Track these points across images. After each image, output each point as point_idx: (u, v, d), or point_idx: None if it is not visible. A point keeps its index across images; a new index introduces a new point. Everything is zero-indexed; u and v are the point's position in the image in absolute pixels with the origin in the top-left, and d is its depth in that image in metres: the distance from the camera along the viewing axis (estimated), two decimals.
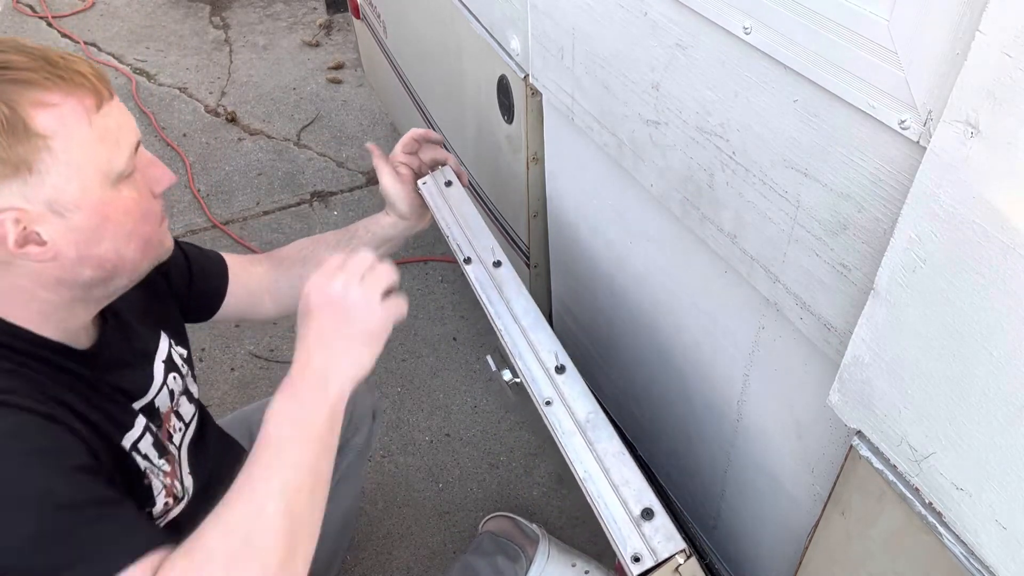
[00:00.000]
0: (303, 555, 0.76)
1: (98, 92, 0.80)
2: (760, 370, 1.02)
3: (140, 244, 0.87)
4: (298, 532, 0.75)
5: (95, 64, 0.84)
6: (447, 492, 1.88)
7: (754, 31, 0.76)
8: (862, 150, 0.69)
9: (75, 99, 0.78)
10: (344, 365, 0.85)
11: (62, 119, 0.76)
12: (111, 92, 0.83)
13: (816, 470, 0.97)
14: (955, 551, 0.69)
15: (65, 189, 0.77)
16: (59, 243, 0.79)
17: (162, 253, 0.93)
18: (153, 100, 3.32)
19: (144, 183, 0.87)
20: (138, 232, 0.86)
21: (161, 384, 1.02)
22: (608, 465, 0.85)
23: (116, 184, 0.82)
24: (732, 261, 0.95)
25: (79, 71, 0.79)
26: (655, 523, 0.79)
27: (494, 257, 1.12)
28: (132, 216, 0.84)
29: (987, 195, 0.55)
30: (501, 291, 1.07)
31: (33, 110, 0.74)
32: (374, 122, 3.17)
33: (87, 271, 0.83)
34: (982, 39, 0.52)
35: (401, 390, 2.12)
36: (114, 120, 0.82)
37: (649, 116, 1.01)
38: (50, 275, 0.82)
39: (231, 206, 2.76)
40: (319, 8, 3.95)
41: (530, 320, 1.02)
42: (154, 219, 0.89)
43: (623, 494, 0.82)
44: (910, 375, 0.68)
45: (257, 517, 0.73)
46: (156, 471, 0.95)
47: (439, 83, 1.87)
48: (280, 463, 0.77)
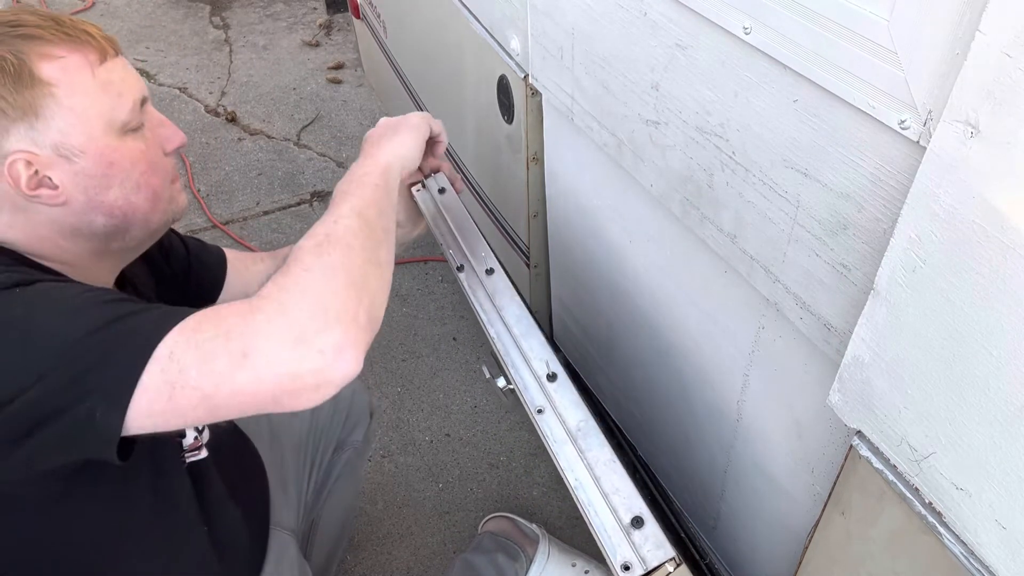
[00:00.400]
0: (369, 299, 0.79)
1: (103, 49, 0.86)
2: (760, 370, 1.02)
3: (149, 194, 0.91)
4: (367, 278, 0.80)
5: (99, 28, 0.89)
6: (447, 492, 1.88)
7: (754, 31, 0.76)
8: (862, 150, 0.69)
9: (80, 54, 0.84)
10: (391, 146, 1.00)
11: (66, 69, 0.82)
12: (117, 51, 0.89)
13: (816, 470, 0.97)
14: (955, 551, 0.69)
15: (70, 134, 0.82)
16: (68, 187, 0.84)
17: (174, 210, 0.97)
18: (153, 100, 3.32)
19: (154, 139, 0.92)
20: (146, 182, 0.90)
21: None
22: (599, 473, 0.85)
23: (122, 134, 0.87)
24: (732, 261, 0.95)
25: (86, 30, 0.85)
26: (645, 531, 0.79)
27: (487, 264, 1.11)
28: (139, 166, 0.89)
29: (987, 195, 0.55)
30: (493, 299, 1.07)
31: (40, 61, 0.81)
32: (374, 122, 3.16)
33: (99, 218, 0.87)
34: (982, 39, 0.52)
35: (401, 390, 2.11)
36: (117, 74, 0.87)
37: (649, 116, 1.01)
38: (66, 223, 0.86)
39: (231, 206, 2.76)
40: (319, 8, 3.95)
41: (522, 328, 1.02)
42: (163, 173, 0.93)
43: (613, 502, 0.82)
44: (910, 375, 0.68)
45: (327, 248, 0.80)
46: None
47: (439, 83, 1.87)
48: (343, 208, 0.86)
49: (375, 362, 2.18)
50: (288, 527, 1.27)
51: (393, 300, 2.36)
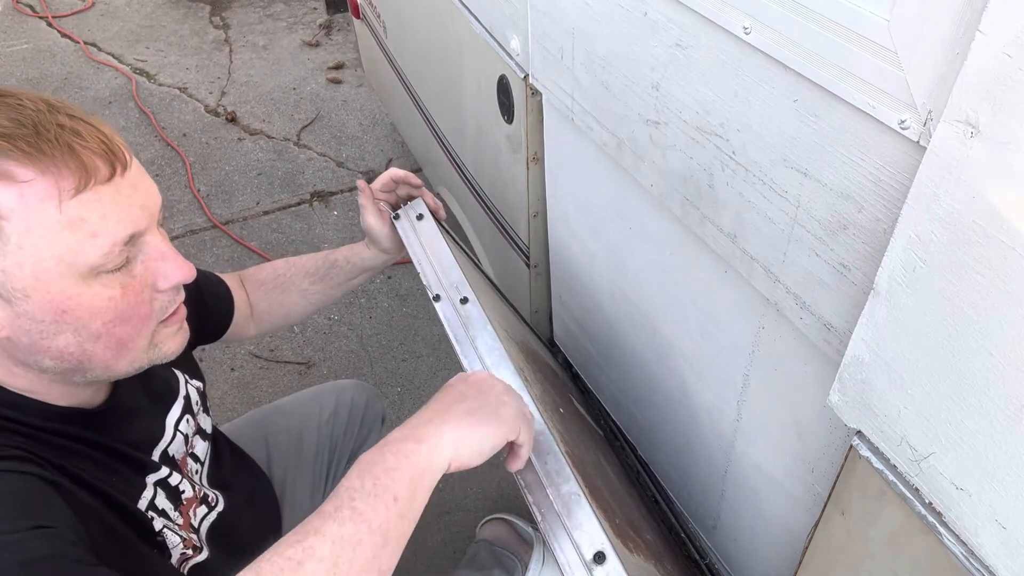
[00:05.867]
0: None
1: (87, 173, 0.69)
2: (760, 370, 1.02)
3: (111, 344, 0.76)
4: None
5: (111, 138, 0.73)
6: (447, 492, 1.88)
7: (754, 31, 0.76)
8: (862, 150, 0.69)
9: (50, 179, 0.68)
10: (458, 434, 0.73)
11: (24, 199, 0.67)
12: (114, 171, 0.72)
13: (816, 470, 0.97)
14: (955, 551, 0.69)
15: (15, 274, 0.68)
16: (7, 328, 0.71)
17: (155, 357, 0.82)
18: (153, 100, 3.32)
19: (145, 277, 0.77)
20: (109, 332, 0.75)
21: (173, 433, 0.98)
22: (562, 507, 0.84)
23: (88, 277, 0.71)
24: (732, 261, 0.95)
25: (70, 146, 0.69)
26: (606, 567, 0.78)
27: (460, 294, 1.11)
28: (102, 316, 0.73)
29: (987, 195, 0.55)
30: (467, 328, 1.06)
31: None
32: (374, 122, 3.17)
33: (46, 360, 0.74)
34: (982, 39, 0.52)
35: (401, 390, 2.11)
36: (99, 208, 0.70)
37: (649, 116, 1.01)
38: (13, 354, 0.74)
39: (231, 206, 2.76)
40: (319, 8, 3.96)
41: (493, 358, 1.01)
42: (140, 320, 0.77)
43: (576, 538, 0.81)
44: (910, 375, 0.68)
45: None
46: (172, 525, 0.91)
47: (439, 83, 1.87)
48: (341, 518, 0.65)
49: (375, 362, 2.18)
50: None
51: (393, 300, 2.36)
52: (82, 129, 0.71)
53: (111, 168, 0.71)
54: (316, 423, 1.38)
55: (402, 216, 1.25)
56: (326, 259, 1.27)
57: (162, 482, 0.92)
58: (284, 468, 1.32)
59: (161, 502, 0.90)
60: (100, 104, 3.29)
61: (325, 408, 1.40)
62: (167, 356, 0.83)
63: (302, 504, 1.30)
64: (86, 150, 0.70)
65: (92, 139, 0.71)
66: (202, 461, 1.06)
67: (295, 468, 1.33)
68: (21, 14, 3.97)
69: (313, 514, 0.65)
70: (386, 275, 2.42)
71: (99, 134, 0.72)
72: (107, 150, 0.71)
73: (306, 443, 1.35)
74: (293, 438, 1.35)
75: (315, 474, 1.35)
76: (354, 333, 2.27)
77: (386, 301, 2.36)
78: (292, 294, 1.27)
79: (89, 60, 3.60)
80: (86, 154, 0.69)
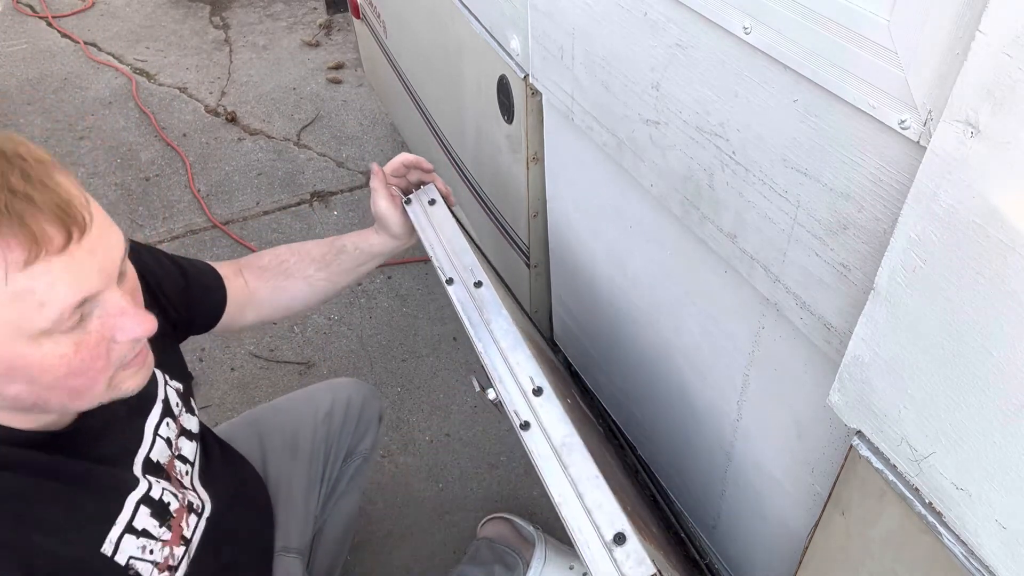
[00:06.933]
0: None
1: (37, 245, 0.65)
2: (760, 370, 1.02)
3: (67, 393, 0.75)
4: None
5: (68, 201, 0.68)
6: (447, 492, 1.88)
7: (754, 31, 0.76)
8: (862, 150, 0.69)
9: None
10: None
11: None
12: (70, 238, 0.67)
13: (816, 470, 0.97)
14: (955, 551, 0.69)
15: None
16: None
17: (114, 395, 0.80)
18: (153, 100, 3.32)
19: (102, 331, 0.74)
20: (63, 384, 0.73)
21: (152, 439, 0.95)
22: (582, 490, 0.84)
23: (37, 339, 0.69)
24: (732, 261, 0.95)
25: (21, 216, 0.64)
26: (627, 548, 0.79)
27: (475, 277, 1.11)
28: (53, 372, 0.71)
29: (987, 195, 0.55)
30: (481, 312, 1.06)
31: None
32: (374, 122, 3.17)
33: (2, 401, 0.73)
34: (982, 39, 0.52)
35: (401, 390, 2.11)
36: (48, 279, 0.67)
37: (649, 116, 1.01)
38: None
39: (231, 206, 2.76)
40: (319, 8, 3.95)
41: (509, 342, 1.01)
42: (97, 372, 0.75)
43: (596, 518, 0.81)
44: (910, 375, 0.68)
45: None
46: (153, 544, 0.89)
47: (439, 83, 1.87)
48: None
49: (375, 362, 2.18)
50: (295, 548, 1.25)
51: (393, 300, 2.36)
52: (36, 194, 0.66)
53: (66, 235, 0.67)
54: (311, 422, 1.37)
55: (414, 201, 1.25)
56: (333, 245, 1.26)
57: (145, 498, 0.89)
58: (279, 467, 1.31)
59: (142, 522, 0.88)
60: (100, 104, 3.29)
61: (321, 407, 1.39)
62: (128, 393, 0.81)
63: (296, 504, 1.30)
64: (38, 218, 0.65)
65: (47, 205, 0.66)
66: (191, 462, 1.04)
67: (290, 467, 1.32)
68: (21, 14, 3.97)
69: None
70: (386, 275, 2.42)
71: (55, 197, 0.67)
72: (63, 215, 0.67)
73: (301, 442, 1.35)
74: (288, 437, 1.34)
75: (310, 473, 1.35)
76: (354, 333, 2.27)
77: (386, 301, 2.36)
78: (296, 280, 1.24)
79: (89, 60, 3.60)
80: (37, 224, 0.65)
